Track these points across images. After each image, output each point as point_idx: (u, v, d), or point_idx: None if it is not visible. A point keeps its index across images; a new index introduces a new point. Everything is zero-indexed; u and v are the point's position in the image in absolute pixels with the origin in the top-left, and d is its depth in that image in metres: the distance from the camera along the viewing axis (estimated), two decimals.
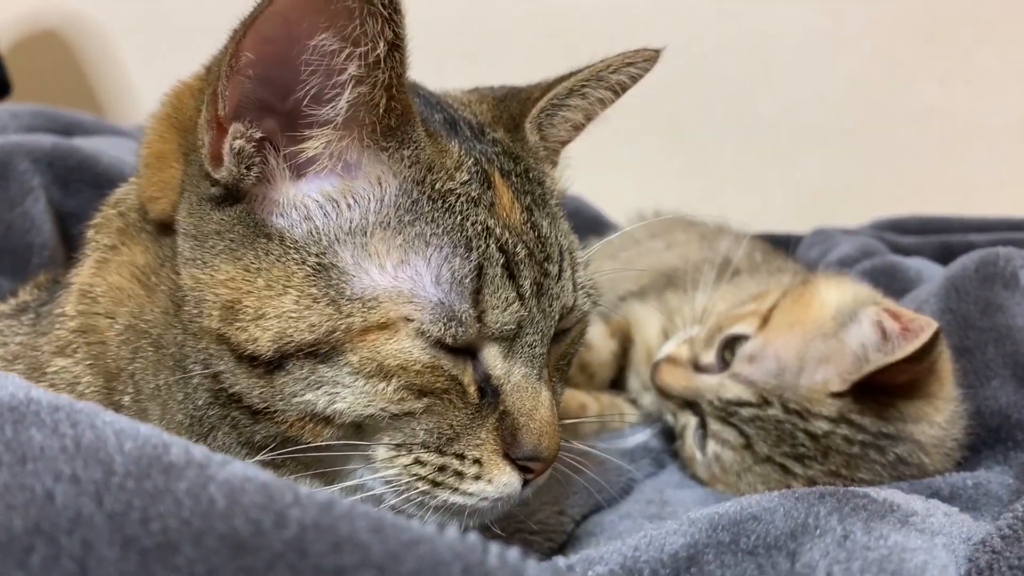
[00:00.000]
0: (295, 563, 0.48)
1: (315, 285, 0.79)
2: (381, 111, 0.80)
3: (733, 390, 1.27)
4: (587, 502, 1.20)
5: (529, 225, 0.89)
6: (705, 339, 1.37)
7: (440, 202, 0.84)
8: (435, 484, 0.84)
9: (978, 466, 1.26)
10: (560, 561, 0.83)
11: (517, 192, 0.91)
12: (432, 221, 0.82)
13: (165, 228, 0.88)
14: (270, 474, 0.57)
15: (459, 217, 0.83)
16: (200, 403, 0.84)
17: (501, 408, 0.86)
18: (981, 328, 1.36)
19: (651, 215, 2.16)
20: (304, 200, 0.83)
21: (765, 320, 1.32)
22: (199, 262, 0.83)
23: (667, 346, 1.43)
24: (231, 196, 0.84)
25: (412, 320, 0.80)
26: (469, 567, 0.48)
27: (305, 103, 0.80)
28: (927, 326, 1.15)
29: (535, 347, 0.88)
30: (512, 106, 1.03)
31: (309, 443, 0.82)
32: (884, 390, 1.20)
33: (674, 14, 2.74)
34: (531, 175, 0.96)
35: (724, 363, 1.33)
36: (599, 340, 1.61)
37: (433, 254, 0.81)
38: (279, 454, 0.83)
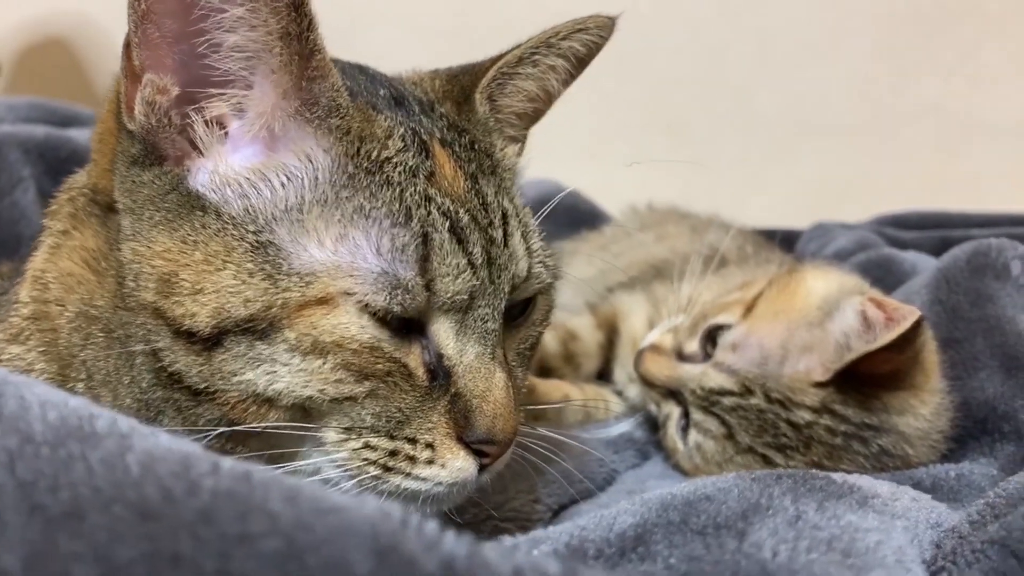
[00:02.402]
0: (200, 531, 0.46)
1: (252, 260, 0.78)
2: (290, 67, 0.80)
3: (715, 379, 1.26)
4: (565, 492, 1.18)
5: (473, 192, 0.88)
6: (689, 328, 1.35)
7: (378, 174, 0.83)
8: (386, 469, 0.82)
9: (964, 458, 1.25)
10: (506, 540, 0.82)
11: (459, 161, 0.90)
12: (371, 195, 0.81)
13: (112, 209, 0.87)
14: (199, 447, 0.56)
15: (398, 189, 0.82)
16: (144, 385, 0.83)
17: (453, 390, 0.84)
18: (970, 319, 1.35)
19: (644, 208, 2.14)
20: (236, 176, 0.82)
21: (749, 309, 1.30)
22: (138, 235, 0.82)
23: (651, 335, 1.42)
24: (151, 154, 0.83)
25: (353, 294, 0.78)
26: (379, 535, 0.47)
27: (207, 57, 0.79)
28: (910, 314, 1.13)
29: (487, 321, 0.86)
30: (464, 80, 1.01)
31: (257, 427, 0.81)
32: (868, 381, 1.19)
33: (675, 10, 2.72)
34: (477, 146, 0.95)
35: (707, 352, 1.31)
36: (586, 331, 1.60)
37: (373, 226, 0.80)
38: (227, 434, 0.82)
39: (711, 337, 1.31)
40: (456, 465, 0.84)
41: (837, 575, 0.68)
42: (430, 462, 0.83)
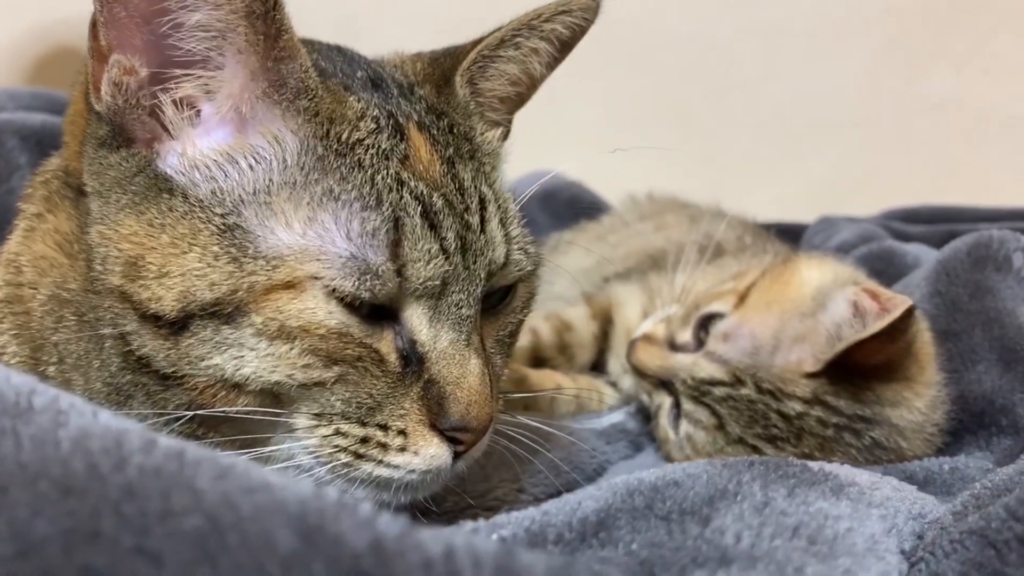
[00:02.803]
0: (123, 507, 0.45)
1: (218, 243, 0.77)
2: (256, 47, 0.78)
3: (706, 369, 1.24)
4: (552, 482, 1.16)
5: (449, 177, 0.86)
6: (682, 318, 1.34)
7: (348, 156, 0.81)
8: (358, 456, 0.81)
9: (960, 452, 1.23)
10: (467, 525, 0.80)
11: (436, 144, 0.88)
12: (341, 178, 0.80)
13: (83, 192, 0.86)
14: (140, 426, 0.55)
15: (369, 171, 0.81)
16: (114, 369, 0.83)
17: (426, 376, 0.83)
18: (969, 311, 1.32)
19: (644, 198, 2.12)
20: (204, 158, 0.81)
21: (742, 298, 1.28)
22: (106, 218, 0.81)
23: (644, 325, 1.40)
24: (118, 136, 0.82)
25: (320, 278, 0.77)
26: (308, 514, 0.46)
27: (173, 36, 0.78)
28: (902, 303, 1.11)
29: (462, 308, 0.84)
30: (445, 62, 0.99)
31: (225, 411, 0.79)
32: (861, 372, 1.16)
33: (685, 3, 2.70)
34: (456, 129, 0.93)
35: (700, 342, 1.29)
36: (580, 321, 1.58)
37: (342, 209, 0.78)
38: (197, 419, 0.81)
39: (704, 326, 1.29)
40: (429, 452, 0.82)
41: (800, 561, 0.66)
42: (402, 449, 0.82)
